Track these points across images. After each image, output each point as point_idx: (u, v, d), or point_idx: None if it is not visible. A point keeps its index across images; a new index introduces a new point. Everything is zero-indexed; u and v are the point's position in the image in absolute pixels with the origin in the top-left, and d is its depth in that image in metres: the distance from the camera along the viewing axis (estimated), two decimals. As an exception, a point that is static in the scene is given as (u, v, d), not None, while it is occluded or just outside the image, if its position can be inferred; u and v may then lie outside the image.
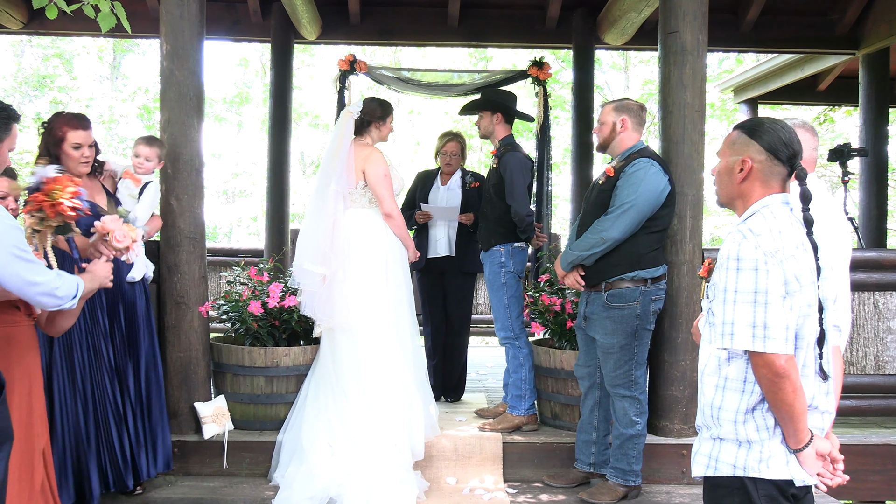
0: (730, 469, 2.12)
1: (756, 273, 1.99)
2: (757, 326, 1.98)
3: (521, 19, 7.03)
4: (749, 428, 2.09)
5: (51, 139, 3.76)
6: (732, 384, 2.10)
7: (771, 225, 2.06)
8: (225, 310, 4.54)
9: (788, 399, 2.01)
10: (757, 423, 2.08)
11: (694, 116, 4.33)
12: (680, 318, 4.31)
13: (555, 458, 4.39)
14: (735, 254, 2.03)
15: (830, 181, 14.28)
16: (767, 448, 2.08)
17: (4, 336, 2.67)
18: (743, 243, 2.03)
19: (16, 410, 2.66)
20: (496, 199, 4.71)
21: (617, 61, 16.94)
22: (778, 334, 1.98)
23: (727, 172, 2.20)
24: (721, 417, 2.12)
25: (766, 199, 2.14)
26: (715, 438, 2.15)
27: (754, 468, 2.08)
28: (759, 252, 2.01)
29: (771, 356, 1.98)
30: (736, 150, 2.18)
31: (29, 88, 16.38)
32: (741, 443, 2.10)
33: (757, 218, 2.10)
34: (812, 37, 7.13)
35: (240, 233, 18.40)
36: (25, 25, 6.79)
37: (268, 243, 7.10)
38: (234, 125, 18.44)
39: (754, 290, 1.99)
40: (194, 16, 4.31)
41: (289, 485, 3.96)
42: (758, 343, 1.99)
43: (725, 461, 2.12)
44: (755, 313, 1.99)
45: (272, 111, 7.14)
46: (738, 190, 2.18)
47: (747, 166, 2.15)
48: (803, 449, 2.07)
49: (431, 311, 5.40)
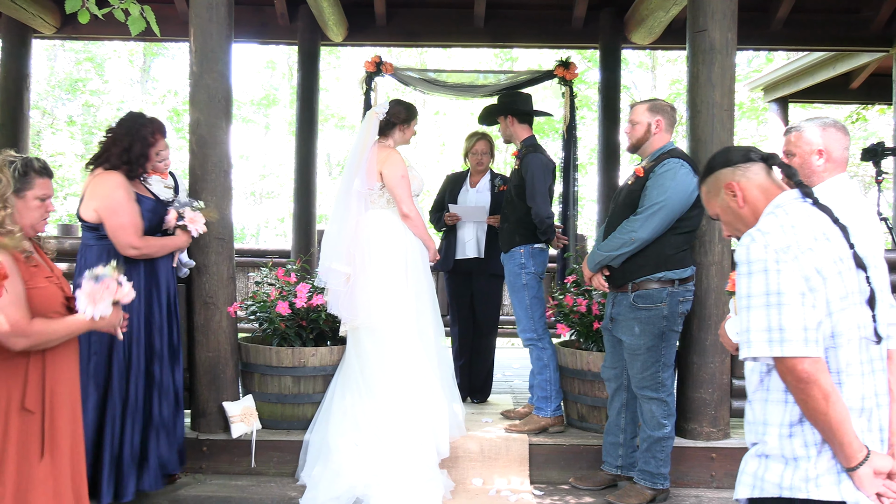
0: (776, 490, 1.92)
1: (766, 274, 1.86)
2: (772, 330, 1.84)
3: (547, 19, 6.99)
4: (796, 443, 1.91)
5: (143, 141, 3.84)
6: (775, 395, 1.95)
7: (782, 221, 1.94)
8: (253, 310, 4.57)
9: (820, 407, 1.83)
10: (806, 437, 1.90)
11: (723, 116, 4.28)
12: (709, 320, 4.26)
13: (581, 460, 4.37)
14: (745, 258, 1.92)
15: (863, 181, 14.05)
16: (815, 466, 1.89)
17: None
18: (752, 245, 1.92)
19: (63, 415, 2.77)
20: (517, 201, 4.70)
21: (644, 61, 16.82)
22: (796, 336, 1.82)
23: (728, 212, 2.13)
24: (767, 433, 1.95)
25: (777, 199, 2.03)
26: (761, 456, 1.98)
27: (801, 488, 1.88)
28: (768, 251, 1.88)
29: (791, 360, 1.83)
30: (715, 191, 2.15)
31: (62, 92, 16.66)
32: (787, 460, 1.92)
33: (768, 217, 1.99)
34: (844, 34, 6.99)
35: (267, 234, 18.56)
36: (58, 30, 6.91)
37: (295, 244, 7.15)
38: (262, 127, 18.61)
39: (766, 291, 1.86)
40: (223, 19, 4.35)
41: (315, 484, 3.98)
42: (775, 348, 1.84)
43: (771, 481, 1.93)
44: (769, 316, 1.85)
45: (299, 113, 7.19)
46: (748, 213, 2.08)
47: (735, 187, 2.08)
48: (857, 468, 1.85)
49: (459, 313, 5.40)
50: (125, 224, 3.71)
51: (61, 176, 14.99)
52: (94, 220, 3.75)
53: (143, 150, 3.84)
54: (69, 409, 2.83)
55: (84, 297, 2.80)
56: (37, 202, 2.79)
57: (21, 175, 2.75)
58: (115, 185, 3.74)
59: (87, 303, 2.80)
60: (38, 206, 2.80)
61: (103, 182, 3.75)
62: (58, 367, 2.79)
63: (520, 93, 5.17)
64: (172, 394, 3.95)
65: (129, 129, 3.83)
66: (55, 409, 2.76)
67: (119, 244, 3.72)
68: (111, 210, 3.70)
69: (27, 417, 2.70)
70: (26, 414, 2.69)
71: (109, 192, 3.72)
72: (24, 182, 2.76)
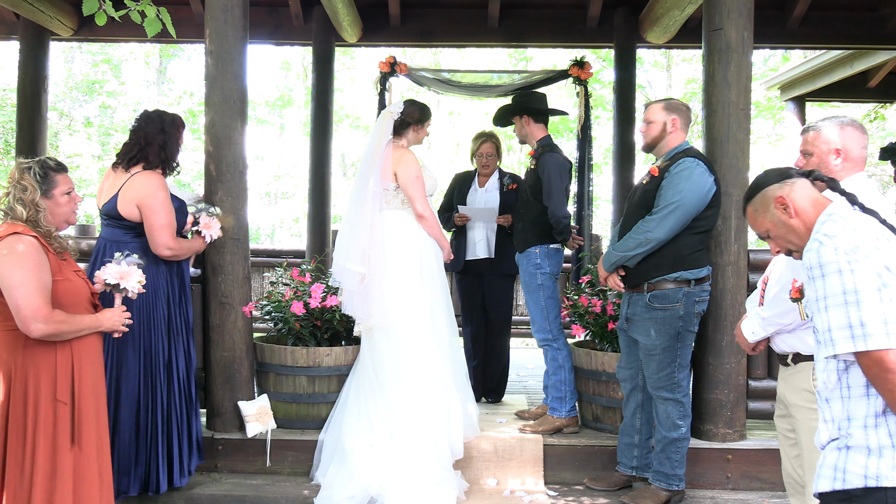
0: (860, 480, 1.94)
1: (841, 275, 1.93)
2: (854, 326, 1.91)
3: (561, 19, 6.97)
4: (881, 433, 1.95)
5: (174, 140, 3.94)
6: (857, 391, 1.99)
7: (844, 225, 2.02)
8: (268, 310, 4.59)
9: None
10: (890, 427, 1.95)
11: (739, 115, 4.25)
12: (724, 321, 4.23)
13: (596, 461, 4.35)
14: (816, 262, 1.98)
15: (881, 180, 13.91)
16: None
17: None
18: (821, 250, 1.98)
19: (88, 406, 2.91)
20: (533, 201, 4.68)
21: (659, 60, 16.73)
22: (878, 330, 1.89)
23: (780, 226, 2.20)
24: (852, 426, 1.98)
25: (829, 208, 2.11)
26: (841, 448, 2.00)
27: (889, 476, 1.91)
28: (839, 253, 1.95)
29: (876, 353, 1.89)
30: (763, 209, 2.23)
31: (79, 93, 16.80)
32: (871, 450, 1.95)
33: (828, 224, 2.06)
34: (862, 32, 6.92)
35: (282, 234, 18.63)
36: (75, 32, 6.97)
37: (309, 244, 7.17)
38: (277, 128, 18.69)
39: (843, 291, 1.93)
40: (238, 20, 4.37)
41: (330, 484, 3.99)
42: (859, 343, 1.90)
43: (854, 472, 1.95)
44: (849, 314, 1.91)
45: (313, 113, 7.21)
46: (801, 225, 2.16)
47: (787, 201, 2.16)
48: None
49: (471, 313, 5.40)
50: (164, 224, 3.80)
51: (78, 177, 15.12)
52: (135, 219, 3.81)
53: (175, 147, 3.94)
54: (94, 401, 2.94)
55: (114, 274, 3.03)
56: (65, 198, 2.95)
57: (42, 177, 2.91)
58: (159, 185, 3.84)
59: (118, 279, 3.03)
60: (67, 200, 2.96)
61: (148, 182, 3.82)
62: (84, 359, 2.91)
63: (535, 92, 5.16)
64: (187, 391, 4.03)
65: (161, 128, 3.90)
66: (82, 400, 2.87)
67: (156, 244, 3.79)
68: (153, 209, 3.78)
69: (57, 407, 2.80)
70: (55, 403, 2.80)
71: (154, 192, 3.79)
72: (47, 183, 2.91)
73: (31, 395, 2.78)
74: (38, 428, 2.77)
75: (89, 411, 2.91)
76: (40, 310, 2.70)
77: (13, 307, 2.71)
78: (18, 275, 2.70)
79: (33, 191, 2.85)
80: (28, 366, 2.78)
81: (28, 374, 2.77)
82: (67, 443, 2.81)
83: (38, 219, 2.85)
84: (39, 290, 2.73)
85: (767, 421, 4.33)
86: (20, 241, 2.76)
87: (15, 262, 2.72)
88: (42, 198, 2.87)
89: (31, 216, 2.84)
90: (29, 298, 2.69)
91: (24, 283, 2.70)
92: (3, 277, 2.71)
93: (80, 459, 2.85)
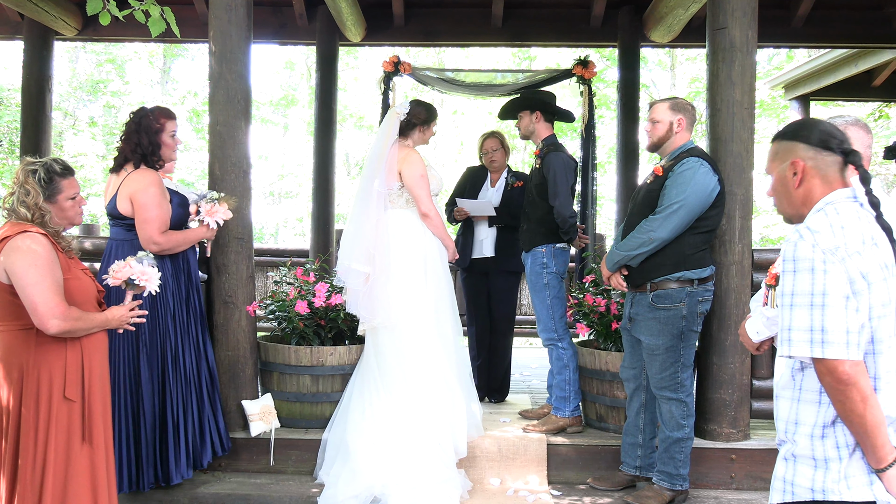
0: (807, 493, 1.93)
1: (812, 273, 1.85)
2: (815, 331, 1.84)
3: (565, 18, 6.96)
4: (828, 444, 1.91)
5: (148, 131, 3.93)
6: (808, 395, 1.94)
7: (832, 221, 1.92)
8: (272, 309, 4.60)
9: (858, 409, 1.83)
10: (838, 439, 1.90)
11: (743, 115, 4.25)
12: (729, 320, 4.23)
13: (600, 461, 4.35)
14: (791, 255, 1.90)
15: (886, 180, 13.88)
16: (847, 467, 1.90)
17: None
18: (799, 243, 1.89)
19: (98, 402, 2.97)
20: (538, 200, 4.68)
21: (663, 59, 16.70)
22: (838, 338, 1.82)
23: (782, 184, 2.07)
24: (798, 433, 1.95)
25: (830, 195, 1.99)
26: (788, 458, 1.98)
27: (834, 490, 1.89)
28: (816, 251, 1.86)
29: (832, 362, 1.82)
30: (782, 157, 2.07)
31: (83, 93, 16.83)
32: (817, 462, 1.92)
33: (818, 215, 1.96)
34: (866, 31, 6.90)
35: (286, 233, 18.65)
36: (80, 32, 6.98)
37: (313, 244, 7.17)
38: (281, 127, 18.70)
39: (811, 291, 1.85)
40: (242, 20, 4.38)
41: (334, 483, 4.00)
42: (816, 349, 1.83)
43: (801, 484, 1.94)
44: (812, 316, 1.84)
45: (317, 113, 7.21)
46: (799, 196, 2.03)
47: (800, 168, 2.01)
48: (887, 469, 1.86)
49: (476, 312, 5.40)
50: (151, 219, 3.82)
51: (83, 176, 15.15)
52: (129, 214, 3.87)
53: (151, 138, 3.93)
54: (101, 399, 2.97)
55: (138, 273, 3.07)
56: (69, 202, 2.97)
57: (47, 182, 2.93)
58: (151, 181, 3.86)
59: (142, 279, 3.07)
60: (71, 205, 2.98)
61: (140, 178, 3.86)
62: (94, 357, 2.95)
63: (547, 91, 5.14)
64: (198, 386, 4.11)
65: (136, 126, 3.94)
66: (92, 397, 2.90)
67: (143, 238, 3.83)
68: (141, 204, 3.82)
69: (69, 405, 2.82)
70: (68, 402, 2.82)
71: (144, 188, 3.83)
72: (51, 188, 2.94)
73: (45, 394, 2.80)
74: (51, 426, 2.80)
75: (98, 409, 2.94)
76: (58, 307, 2.73)
77: (29, 305, 2.72)
78: (34, 273, 2.73)
79: (36, 195, 2.87)
80: (41, 364, 2.80)
81: (41, 373, 2.80)
82: (79, 440, 2.84)
83: (45, 220, 2.89)
84: (54, 287, 2.76)
85: (771, 421, 4.32)
86: (32, 239, 2.78)
87: (30, 260, 2.74)
88: (46, 202, 2.90)
89: (36, 218, 2.87)
90: (45, 296, 2.72)
91: (39, 280, 2.72)
92: (19, 276, 2.73)
93: (93, 456, 2.89)
